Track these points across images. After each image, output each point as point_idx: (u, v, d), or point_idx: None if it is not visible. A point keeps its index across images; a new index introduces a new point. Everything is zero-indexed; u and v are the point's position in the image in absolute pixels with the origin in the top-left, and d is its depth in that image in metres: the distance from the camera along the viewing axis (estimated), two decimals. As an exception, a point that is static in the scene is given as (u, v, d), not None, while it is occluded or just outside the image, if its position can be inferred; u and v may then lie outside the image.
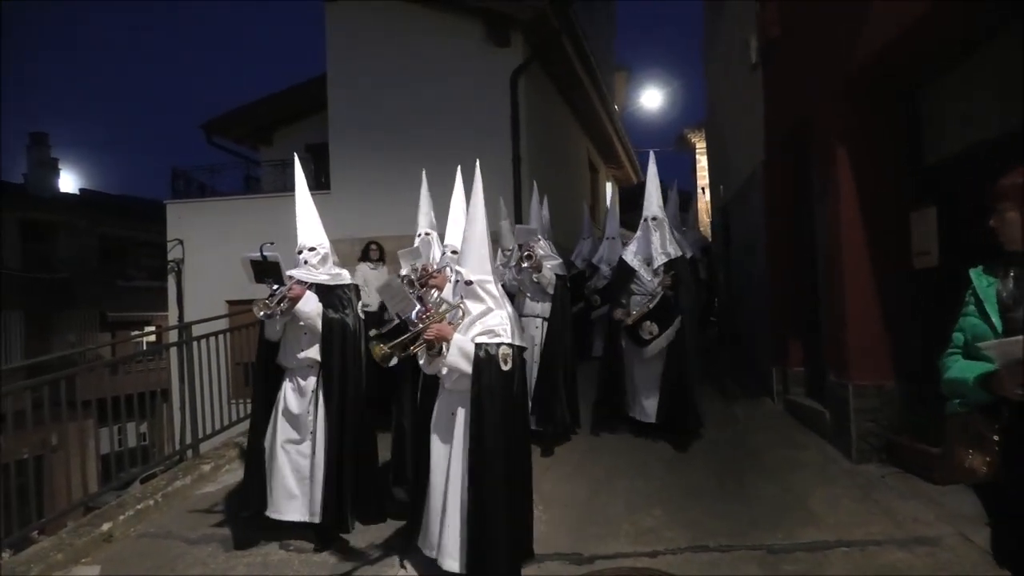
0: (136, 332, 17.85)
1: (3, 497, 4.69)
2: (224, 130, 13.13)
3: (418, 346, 3.38)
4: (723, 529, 4.17)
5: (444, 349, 3.34)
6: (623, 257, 6.18)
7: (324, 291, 4.35)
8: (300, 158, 5.04)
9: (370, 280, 7.94)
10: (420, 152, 9.20)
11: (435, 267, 4.74)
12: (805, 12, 5.91)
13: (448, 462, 3.45)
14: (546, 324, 6.05)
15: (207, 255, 10.96)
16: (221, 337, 6.79)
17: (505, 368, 3.31)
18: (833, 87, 5.30)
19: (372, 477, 4.48)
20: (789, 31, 6.50)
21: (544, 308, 6.09)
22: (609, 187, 19.36)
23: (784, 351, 6.90)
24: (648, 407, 5.95)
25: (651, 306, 5.80)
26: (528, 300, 6.16)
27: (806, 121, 5.96)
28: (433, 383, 3.67)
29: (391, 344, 3.31)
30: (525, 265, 5.91)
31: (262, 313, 4.14)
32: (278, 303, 4.14)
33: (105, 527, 4.81)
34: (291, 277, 4.28)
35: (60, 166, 22.88)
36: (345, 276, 4.56)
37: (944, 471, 2.36)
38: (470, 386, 3.32)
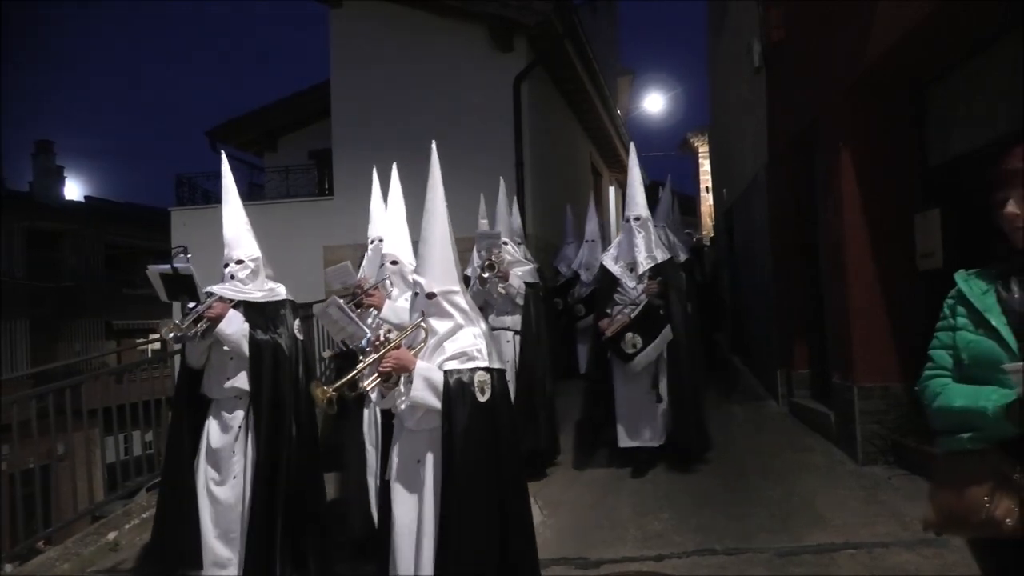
0: (141, 340, 17.89)
1: (9, 507, 4.67)
2: (228, 137, 13.18)
3: (372, 382, 2.68)
4: (730, 532, 4.16)
5: (402, 380, 2.68)
6: (603, 262, 5.58)
7: (254, 309, 3.77)
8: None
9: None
10: (423, 158, 9.24)
11: (370, 283, 4.18)
12: (808, 15, 5.92)
13: (418, 523, 2.69)
14: (519, 338, 5.48)
15: (212, 262, 10.99)
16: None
17: (482, 399, 2.63)
18: (836, 89, 5.31)
19: (315, 532, 3.80)
20: (792, 34, 6.51)
21: (515, 320, 5.48)
22: (612, 191, 19.38)
23: (789, 353, 6.89)
24: (642, 429, 5.32)
25: (632, 316, 5.14)
26: (496, 312, 5.52)
27: (809, 123, 5.96)
28: (388, 420, 2.97)
29: (336, 384, 2.60)
30: (486, 276, 5.24)
31: (172, 335, 3.60)
32: (194, 323, 3.57)
33: (111, 536, 4.82)
34: (210, 294, 3.73)
35: (65, 174, 23.02)
36: (280, 292, 3.96)
37: (948, 521, 1.81)
38: (440, 424, 2.65)
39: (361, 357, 2.73)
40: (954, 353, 1.87)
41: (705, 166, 18.84)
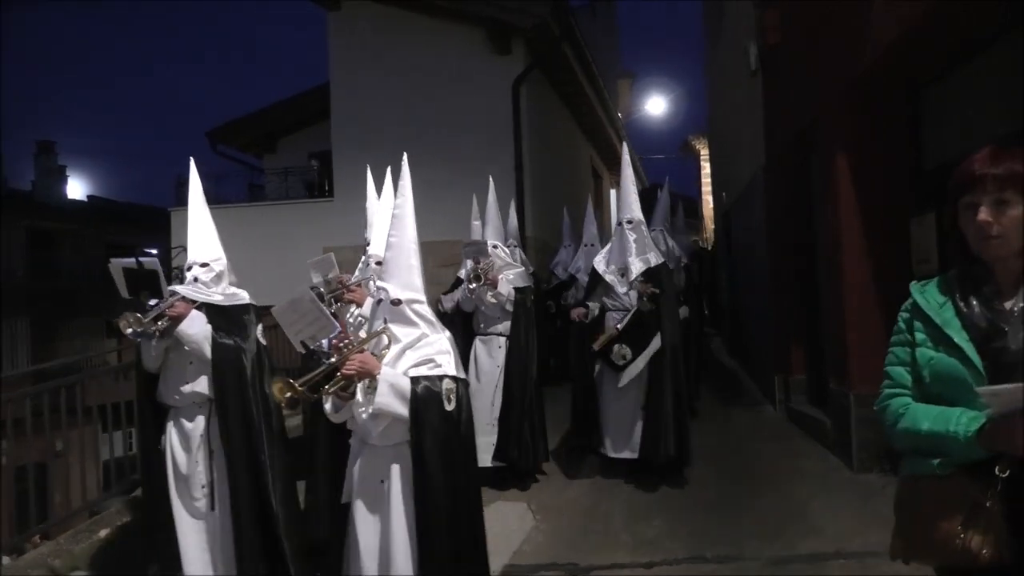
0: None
1: (8, 501, 4.67)
2: (229, 138, 13.21)
3: (335, 385, 2.55)
4: (722, 539, 4.14)
5: (360, 390, 2.55)
6: (594, 265, 5.42)
7: (216, 313, 3.65)
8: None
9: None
10: (423, 160, 9.24)
11: (352, 279, 4.13)
12: (804, 18, 5.91)
13: (385, 543, 2.59)
14: (508, 343, 5.35)
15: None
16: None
17: (449, 407, 2.54)
18: (832, 92, 5.29)
19: (293, 537, 3.65)
20: (788, 37, 6.50)
21: (506, 326, 5.36)
22: (613, 193, 19.37)
23: (786, 359, 6.87)
24: (626, 441, 5.17)
25: (620, 326, 5.01)
26: (487, 318, 5.42)
27: (806, 127, 5.95)
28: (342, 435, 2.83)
29: (302, 381, 2.49)
30: (473, 286, 5.09)
31: (130, 330, 3.39)
32: (155, 320, 3.42)
33: (103, 533, 4.81)
34: (174, 292, 3.59)
35: (68, 173, 23.09)
36: (243, 297, 3.85)
37: (917, 551, 1.73)
38: (407, 436, 2.54)
39: (322, 359, 2.63)
40: (913, 370, 1.77)
41: (707, 168, 18.83)
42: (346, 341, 2.60)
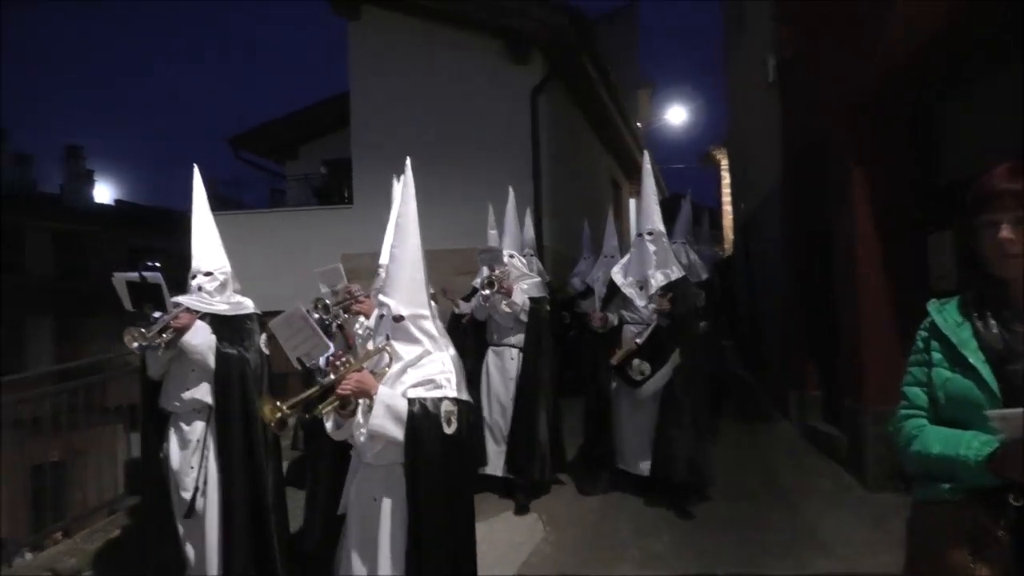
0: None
1: (31, 499, 4.76)
2: (251, 144, 13.38)
3: (330, 404, 2.48)
4: (731, 556, 4.12)
5: (360, 409, 2.49)
6: (612, 276, 5.23)
7: (220, 322, 3.73)
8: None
9: None
10: (440, 168, 9.31)
11: (359, 291, 4.05)
12: (821, 31, 5.88)
13: (375, 558, 2.54)
14: (522, 355, 5.24)
15: (234, 267, 11.13)
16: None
17: (448, 431, 2.44)
18: (848, 106, 5.26)
19: (284, 546, 3.74)
20: (806, 49, 6.46)
21: (519, 338, 5.24)
22: (632, 203, 19.33)
23: (801, 374, 6.81)
24: (641, 459, 5.02)
25: (639, 341, 4.86)
26: (501, 328, 5.31)
27: (821, 140, 5.91)
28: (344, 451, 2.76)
29: (290, 403, 2.39)
30: (487, 293, 4.98)
31: (135, 344, 3.45)
32: (159, 332, 3.48)
33: (117, 533, 4.88)
34: (177, 304, 3.64)
35: (96, 178, 23.50)
36: (248, 305, 3.91)
37: None
38: (401, 458, 2.47)
39: (318, 377, 2.54)
40: (929, 391, 1.72)
41: (727, 179, 18.72)
42: (343, 359, 2.52)
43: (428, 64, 9.99)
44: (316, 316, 3.90)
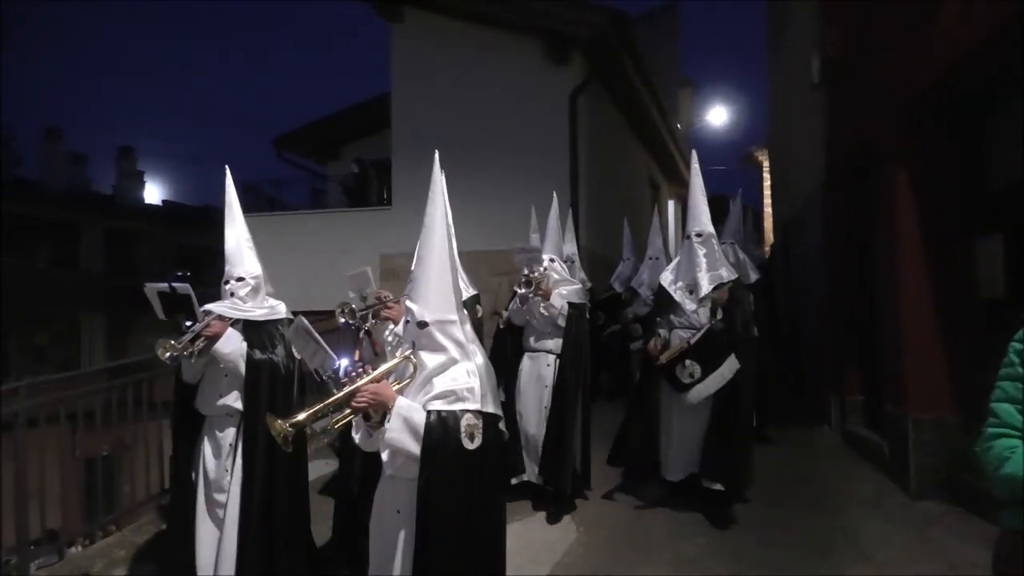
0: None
1: (83, 492, 4.94)
2: (294, 145, 13.63)
3: (344, 419, 2.40)
4: (766, 561, 4.07)
5: (387, 419, 2.35)
6: (661, 282, 5.06)
7: (252, 328, 3.73)
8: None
9: None
10: (479, 170, 9.38)
11: (388, 296, 3.92)
12: (867, 33, 5.78)
13: (393, 569, 2.46)
14: (559, 361, 5.06)
15: (274, 266, 11.35)
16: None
17: (470, 446, 2.30)
18: (894, 110, 5.16)
19: (305, 554, 3.77)
20: (852, 51, 6.35)
21: (557, 343, 5.09)
22: (671, 204, 19.17)
23: (842, 379, 6.69)
24: (686, 467, 4.88)
25: (691, 341, 4.64)
26: (538, 333, 5.17)
27: (866, 143, 5.81)
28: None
29: (295, 419, 2.26)
30: (522, 291, 4.86)
31: (167, 355, 3.48)
32: (192, 342, 3.51)
33: (164, 526, 5.04)
34: (209, 312, 3.66)
35: (146, 178, 24.25)
36: (279, 311, 3.86)
37: None
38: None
39: (333, 389, 2.40)
40: (1023, 408, 1.57)
41: (768, 181, 18.44)
42: (360, 370, 2.41)
43: (468, 66, 10.07)
44: (343, 322, 3.86)
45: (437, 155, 2.71)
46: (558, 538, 4.57)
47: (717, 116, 20.36)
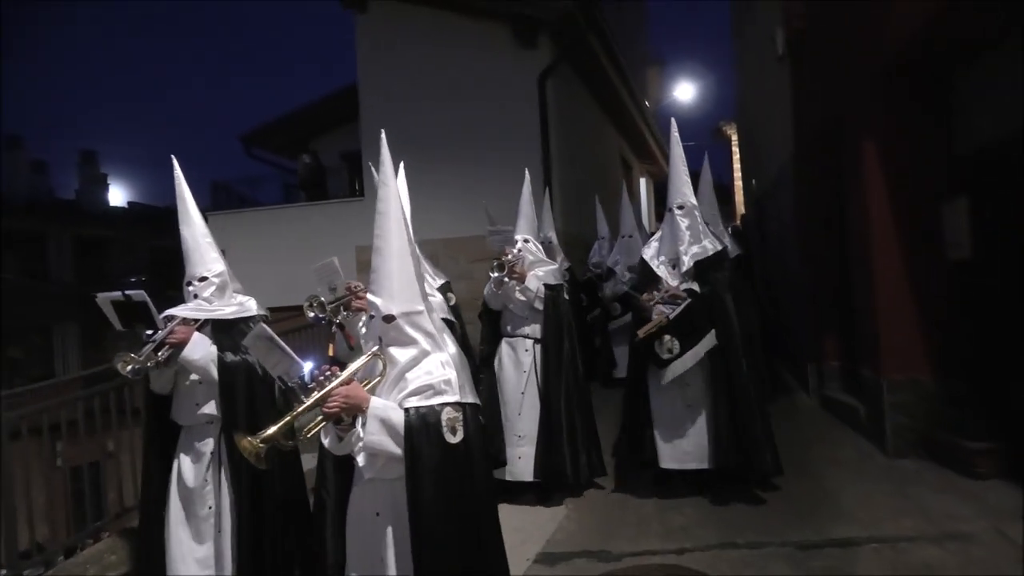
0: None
1: (71, 501, 4.85)
2: (262, 141, 13.47)
3: (317, 426, 2.28)
4: (753, 526, 4.18)
5: (358, 422, 2.25)
6: (643, 256, 4.92)
7: (221, 329, 3.47)
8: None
9: None
10: (451, 156, 9.36)
11: (357, 286, 3.74)
12: (831, 2, 5.85)
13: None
14: (539, 347, 4.89)
15: (249, 265, 11.25)
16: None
17: (453, 440, 2.23)
18: (861, 79, 5.24)
19: (305, 563, 3.48)
20: (815, 22, 6.43)
21: (535, 328, 4.89)
22: (644, 182, 19.27)
23: (819, 346, 6.83)
24: (685, 448, 4.65)
25: (670, 315, 4.47)
26: (515, 317, 4.96)
27: (834, 113, 5.89)
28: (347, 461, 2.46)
29: (266, 434, 2.15)
30: (495, 274, 4.66)
31: (129, 369, 3.18)
32: (155, 351, 3.23)
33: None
34: (172, 317, 3.39)
35: (109, 181, 23.80)
36: (250, 308, 3.58)
37: None
38: (402, 473, 2.24)
39: (300, 396, 2.26)
40: None
41: (738, 155, 18.61)
42: (328, 372, 2.25)
43: (436, 53, 10.01)
44: (312, 316, 3.63)
45: (384, 135, 2.59)
46: (548, 516, 4.64)
47: (684, 92, 20.47)
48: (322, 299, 3.67)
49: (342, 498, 2.54)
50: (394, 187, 2.43)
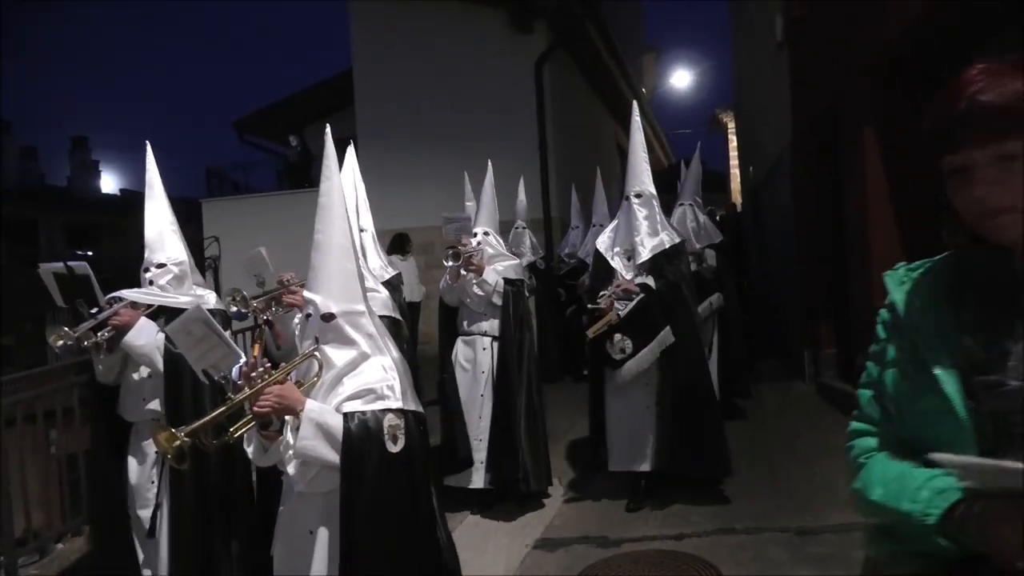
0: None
1: (68, 488, 4.84)
2: (255, 127, 13.41)
3: (244, 426, 2.06)
4: (750, 512, 4.20)
5: (287, 428, 2.07)
6: (597, 247, 4.64)
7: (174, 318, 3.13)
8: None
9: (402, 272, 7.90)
10: (447, 142, 9.31)
11: (290, 279, 3.47)
12: (829, -11, 5.82)
13: None
14: (497, 344, 4.57)
15: (243, 251, 11.22)
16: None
17: (394, 449, 2.06)
18: (860, 67, 5.23)
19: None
20: (815, 9, 6.40)
21: (493, 325, 4.56)
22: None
23: (815, 333, 6.86)
24: (635, 451, 4.43)
25: (621, 313, 4.16)
26: (472, 314, 4.63)
27: (832, 102, 5.88)
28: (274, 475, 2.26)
29: (190, 428, 1.96)
30: (449, 264, 4.34)
31: (60, 343, 2.93)
32: (92, 331, 2.98)
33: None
34: (118, 299, 3.15)
35: (101, 168, 23.67)
36: (209, 299, 3.32)
37: None
38: (338, 485, 2.06)
39: (230, 394, 2.08)
40: (885, 395, 1.15)
41: (735, 142, 18.60)
42: (260, 369, 2.06)
43: (431, 38, 9.96)
44: (234, 311, 3.36)
45: (328, 129, 2.49)
46: (547, 501, 4.65)
47: (681, 79, 20.46)
48: (244, 293, 3.41)
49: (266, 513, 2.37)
50: (337, 181, 2.31)
